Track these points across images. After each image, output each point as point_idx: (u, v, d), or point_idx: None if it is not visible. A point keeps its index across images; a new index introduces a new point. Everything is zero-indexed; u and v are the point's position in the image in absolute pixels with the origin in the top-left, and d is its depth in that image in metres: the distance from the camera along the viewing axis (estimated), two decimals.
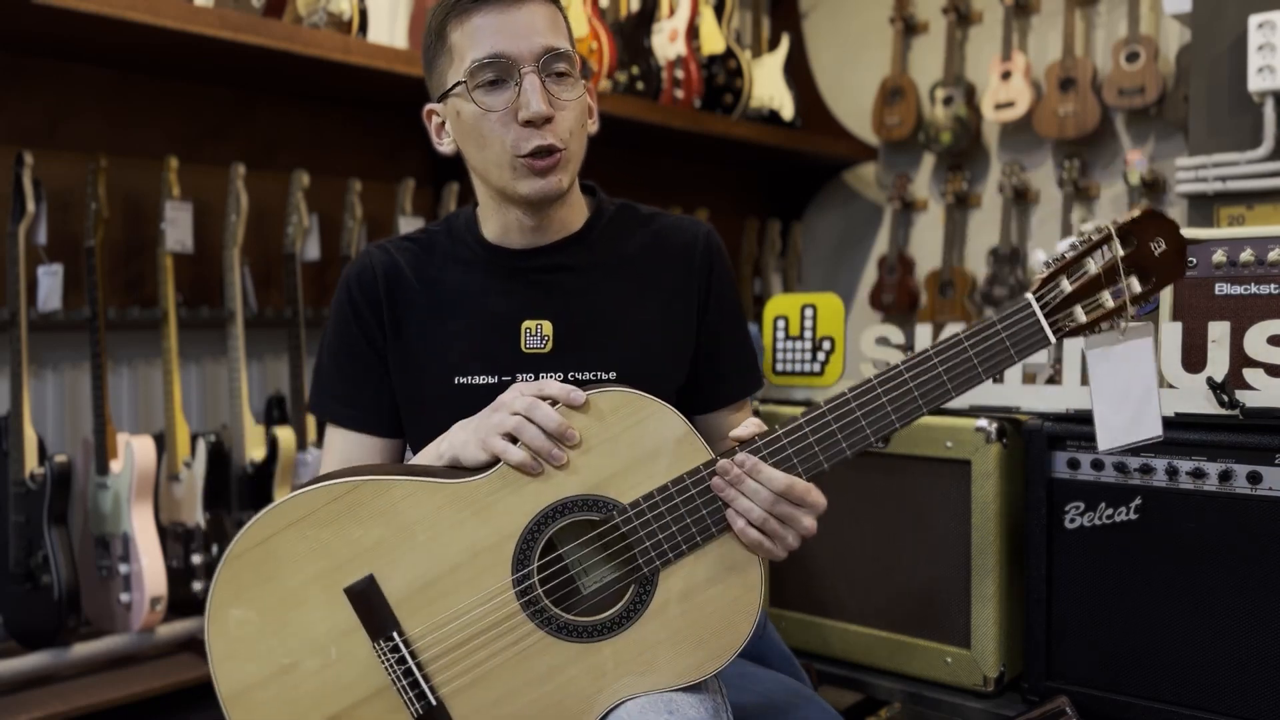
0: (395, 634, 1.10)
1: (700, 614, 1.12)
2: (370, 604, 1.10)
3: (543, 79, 1.18)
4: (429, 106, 1.29)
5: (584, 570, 1.17)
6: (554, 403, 1.12)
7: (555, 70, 1.19)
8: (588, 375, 1.25)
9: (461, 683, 1.11)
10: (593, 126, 1.29)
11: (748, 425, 1.15)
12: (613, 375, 1.25)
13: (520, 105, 1.17)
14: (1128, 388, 1.16)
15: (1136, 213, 1.12)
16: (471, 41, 1.18)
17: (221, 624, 1.11)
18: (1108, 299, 1.11)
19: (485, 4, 1.17)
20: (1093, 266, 1.11)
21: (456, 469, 1.15)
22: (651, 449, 1.12)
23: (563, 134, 1.19)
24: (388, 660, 1.10)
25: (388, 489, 1.12)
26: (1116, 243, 1.10)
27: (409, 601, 1.11)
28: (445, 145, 1.28)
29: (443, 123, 1.27)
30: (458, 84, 1.20)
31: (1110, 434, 1.18)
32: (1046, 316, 1.11)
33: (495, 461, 1.12)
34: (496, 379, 1.25)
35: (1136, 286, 1.11)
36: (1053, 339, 1.11)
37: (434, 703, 1.10)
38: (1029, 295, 1.12)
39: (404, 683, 1.10)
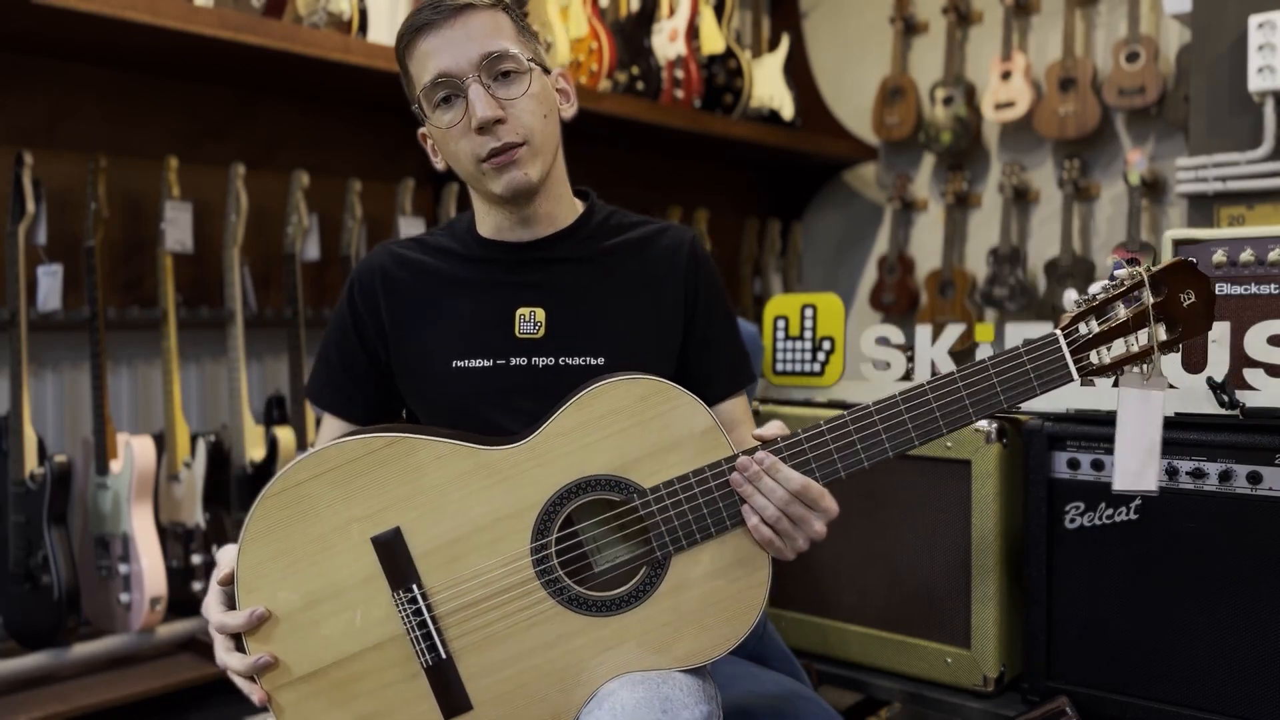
0: (414, 586, 1.15)
1: (707, 602, 1.16)
2: (394, 555, 1.15)
3: (486, 85, 1.23)
4: (421, 130, 1.36)
5: (599, 548, 1.21)
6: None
7: (499, 71, 1.24)
8: (578, 360, 1.29)
9: (471, 640, 1.15)
10: (568, 110, 1.35)
11: (771, 426, 1.19)
12: (601, 360, 1.30)
13: (470, 115, 1.23)
14: (1141, 435, 1.19)
15: (1170, 262, 1.14)
16: (421, 67, 1.25)
17: (250, 557, 1.15)
18: (1133, 343, 1.13)
19: (423, 29, 1.24)
20: (1122, 311, 1.13)
21: (488, 436, 1.20)
22: (676, 438, 1.16)
23: (519, 130, 1.24)
24: (405, 610, 1.15)
25: (422, 448, 1.17)
26: (1148, 290, 1.13)
27: (430, 557, 1.15)
28: (439, 163, 1.36)
29: (434, 145, 1.35)
30: (422, 111, 1.28)
31: (1124, 478, 1.21)
32: (1072, 354, 1.13)
33: (528, 433, 1.17)
34: (492, 362, 1.30)
35: (1162, 335, 1.13)
36: (1077, 378, 1.14)
37: (444, 656, 1.15)
38: (1057, 331, 1.15)
39: (418, 634, 1.15)
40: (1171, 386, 1.53)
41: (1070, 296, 1.18)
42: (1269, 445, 1.44)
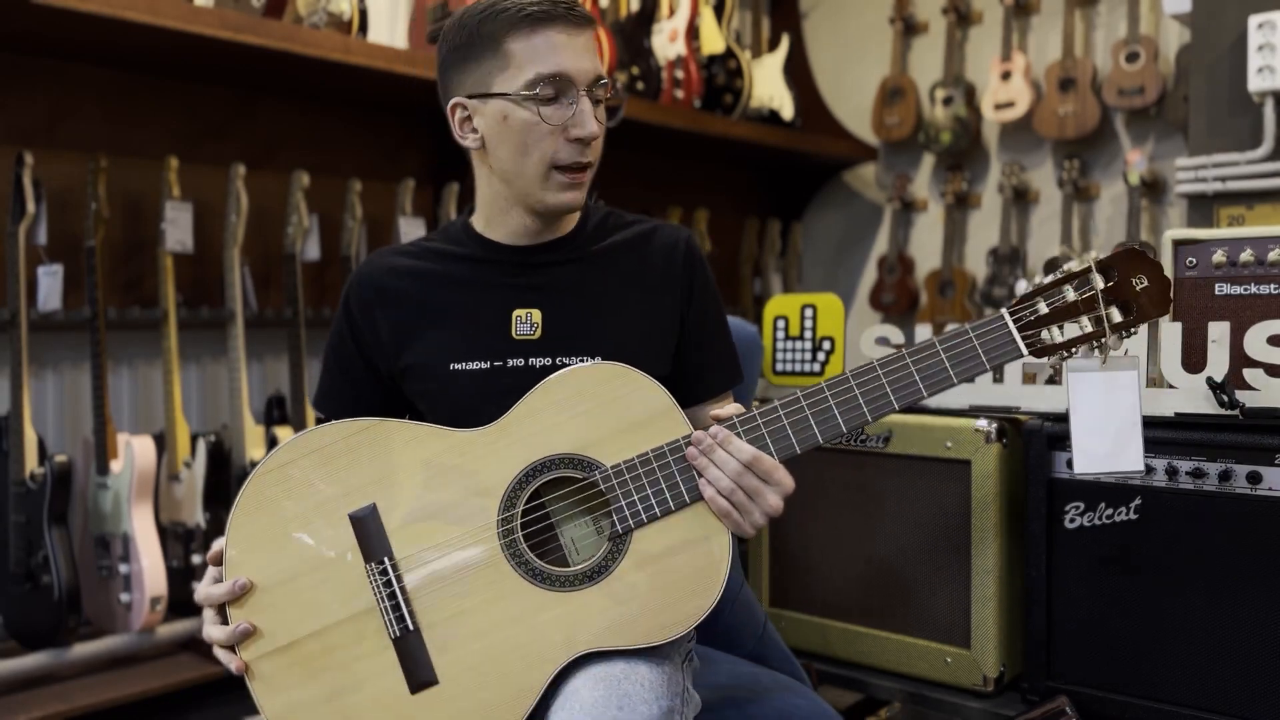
0: (386, 558, 1.19)
1: (668, 578, 1.18)
2: (369, 530, 1.20)
3: (593, 102, 1.28)
4: (458, 99, 1.31)
5: (563, 524, 1.25)
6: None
7: (601, 96, 1.30)
8: (575, 360, 1.31)
9: (439, 613, 1.19)
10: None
11: (729, 406, 1.23)
12: (598, 360, 1.31)
13: (573, 123, 1.26)
14: (1109, 416, 1.23)
15: (1118, 250, 1.19)
16: (536, 54, 1.25)
17: (238, 533, 1.21)
18: (1085, 324, 1.18)
19: (555, 22, 1.26)
20: (1070, 294, 1.19)
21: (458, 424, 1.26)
22: (636, 419, 1.21)
23: (599, 152, 1.32)
24: (376, 582, 1.19)
25: (397, 430, 1.23)
26: (1097, 276, 1.18)
27: (403, 531, 1.21)
28: (469, 140, 1.33)
29: (469, 117, 1.31)
30: (508, 92, 1.26)
31: (1088, 459, 1.25)
32: (1020, 330, 1.18)
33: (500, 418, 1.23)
34: (489, 364, 1.32)
35: (1117, 317, 1.18)
36: (1025, 351, 1.18)
37: (411, 627, 1.18)
38: (1003, 310, 1.20)
39: (387, 604, 1.19)
40: (1171, 386, 1.53)
41: (1021, 287, 1.21)
42: (1269, 445, 1.44)
